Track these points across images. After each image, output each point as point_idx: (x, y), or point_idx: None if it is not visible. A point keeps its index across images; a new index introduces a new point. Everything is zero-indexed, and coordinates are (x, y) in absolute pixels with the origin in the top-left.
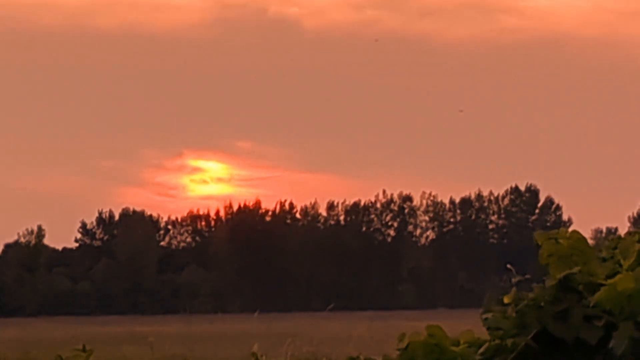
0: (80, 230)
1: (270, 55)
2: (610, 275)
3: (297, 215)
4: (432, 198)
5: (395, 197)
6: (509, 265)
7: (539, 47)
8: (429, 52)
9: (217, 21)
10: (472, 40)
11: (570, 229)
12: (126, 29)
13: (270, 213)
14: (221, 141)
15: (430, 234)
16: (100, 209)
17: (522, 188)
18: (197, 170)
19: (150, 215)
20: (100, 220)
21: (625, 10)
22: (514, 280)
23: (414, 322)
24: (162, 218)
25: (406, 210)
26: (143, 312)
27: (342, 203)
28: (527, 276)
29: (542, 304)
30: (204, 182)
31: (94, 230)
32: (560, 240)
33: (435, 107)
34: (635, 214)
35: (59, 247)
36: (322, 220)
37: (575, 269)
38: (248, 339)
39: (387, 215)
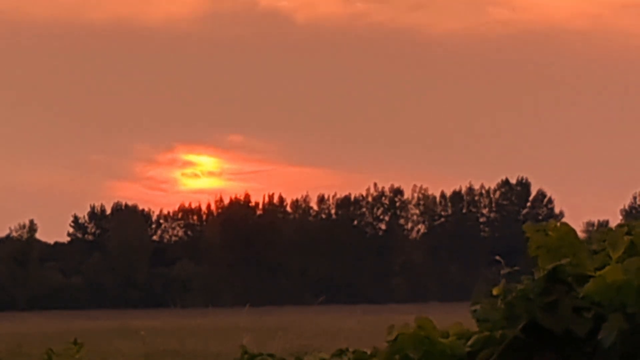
0: (72, 224)
1: (261, 48)
2: (600, 268)
3: (288, 209)
4: (423, 191)
5: (386, 190)
6: (497, 257)
7: (529, 40)
8: (419, 45)
9: (208, 15)
10: (462, 33)
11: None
12: (117, 22)
13: (261, 207)
14: (212, 135)
15: (422, 228)
16: (92, 203)
17: (514, 181)
18: (188, 164)
19: (142, 210)
20: (92, 214)
21: (616, 2)
22: (502, 272)
23: (405, 315)
24: (153, 212)
25: (397, 204)
26: (135, 306)
27: (333, 196)
28: (516, 268)
29: (531, 295)
30: (195, 176)
31: (86, 224)
32: (549, 232)
33: (425, 100)
34: (627, 207)
35: (51, 242)
36: (313, 214)
37: (565, 261)
38: (239, 333)
39: (378, 208)
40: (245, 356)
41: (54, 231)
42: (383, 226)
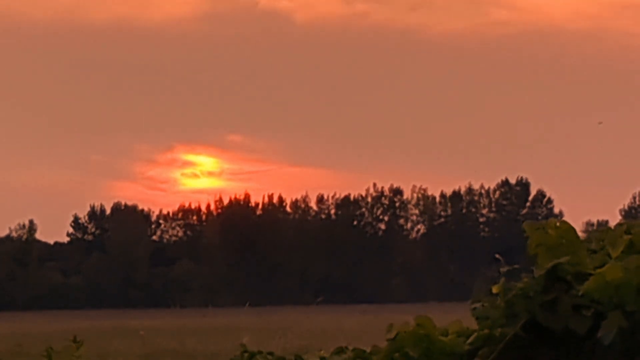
0: (72, 224)
1: (261, 48)
2: (600, 266)
3: (288, 209)
4: (422, 191)
5: (386, 190)
6: (497, 255)
7: (529, 40)
8: (418, 45)
9: (208, 15)
10: (462, 33)
11: None
12: (117, 23)
13: (261, 207)
14: (212, 135)
15: (421, 228)
16: (92, 203)
17: (513, 181)
18: (188, 164)
19: (142, 210)
20: (92, 214)
21: (616, 2)
22: (502, 270)
23: (404, 315)
24: (153, 212)
25: (397, 204)
26: (134, 306)
27: (333, 196)
28: (516, 266)
29: (531, 293)
30: (195, 176)
31: (85, 224)
32: (549, 230)
33: (425, 100)
34: (626, 207)
35: (51, 242)
36: (312, 214)
37: (564, 259)
38: (239, 333)
39: (377, 209)
40: (245, 354)
41: (54, 231)
42: (383, 226)
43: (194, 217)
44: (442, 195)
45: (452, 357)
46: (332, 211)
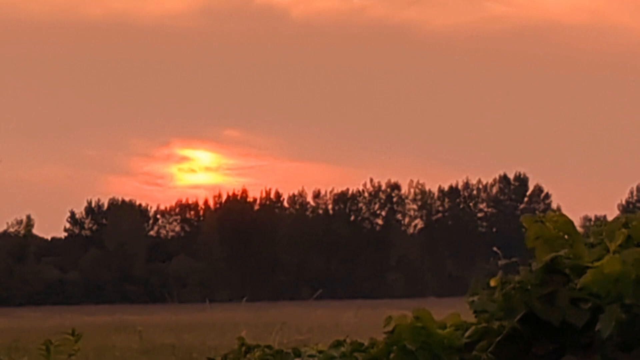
0: (69, 219)
1: (258, 43)
2: (598, 260)
3: (285, 204)
4: (420, 186)
5: (383, 185)
6: (495, 248)
7: (526, 35)
8: (416, 40)
9: (204, 10)
10: (459, 28)
11: None
12: (113, 18)
13: (258, 202)
14: (209, 130)
15: (419, 223)
16: (89, 199)
17: (511, 176)
18: (185, 159)
19: (139, 205)
20: (89, 209)
21: None
22: (500, 263)
23: (402, 310)
24: (150, 207)
25: (394, 199)
26: (132, 301)
27: (330, 191)
28: (514, 259)
29: (529, 286)
30: (192, 171)
31: (82, 219)
32: (547, 223)
33: (422, 96)
34: (624, 202)
35: (48, 237)
36: (310, 209)
37: (562, 252)
38: (237, 328)
39: (375, 203)
40: (243, 348)
41: (51, 226)
42: (380, 221)
43: (191, 213)
44: (440, 190)
45: (450, 350)
46: (330, 206)
